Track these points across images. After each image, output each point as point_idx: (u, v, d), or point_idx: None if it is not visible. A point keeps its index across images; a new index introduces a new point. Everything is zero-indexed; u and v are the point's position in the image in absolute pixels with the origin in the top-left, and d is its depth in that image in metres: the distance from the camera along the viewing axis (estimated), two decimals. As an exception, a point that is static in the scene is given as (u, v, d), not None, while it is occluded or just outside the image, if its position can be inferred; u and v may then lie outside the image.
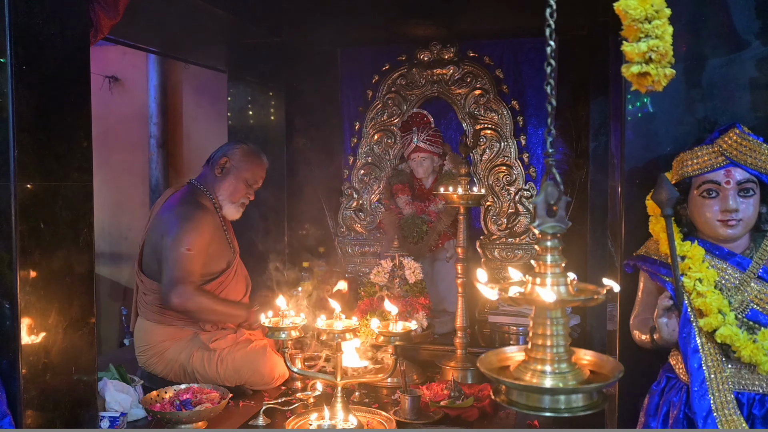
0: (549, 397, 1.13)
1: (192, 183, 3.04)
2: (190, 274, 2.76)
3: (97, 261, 2.36)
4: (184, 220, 2.82)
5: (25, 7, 1.83)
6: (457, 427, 2.47)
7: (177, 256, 2.76)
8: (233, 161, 2.99)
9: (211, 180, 3.01)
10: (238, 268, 3.05)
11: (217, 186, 2.99)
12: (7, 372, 1.83)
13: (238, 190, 2.99)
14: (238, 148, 3.04)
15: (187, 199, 2.93)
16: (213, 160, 3.03)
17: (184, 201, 2.92)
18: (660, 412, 1.93)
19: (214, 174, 3.00)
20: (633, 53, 1.25)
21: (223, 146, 3.10)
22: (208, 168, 3.05)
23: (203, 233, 2.82)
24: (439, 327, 3.36)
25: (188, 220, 2.82)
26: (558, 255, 1.16)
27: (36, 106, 1.87)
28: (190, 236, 2.78)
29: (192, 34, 3.72)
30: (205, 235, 2.83)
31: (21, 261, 1.82)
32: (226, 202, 2.99)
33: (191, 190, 2.99)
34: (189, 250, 2.76)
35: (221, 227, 2.99)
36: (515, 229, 3.66)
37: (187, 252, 2.76)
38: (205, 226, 2.85)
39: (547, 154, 1.16)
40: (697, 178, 1.88)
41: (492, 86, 3.69)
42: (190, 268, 2.77)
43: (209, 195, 2.99)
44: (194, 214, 2.84)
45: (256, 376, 2.81)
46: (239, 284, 3.04)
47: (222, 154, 3.02)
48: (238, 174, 2.99)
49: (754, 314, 1.80)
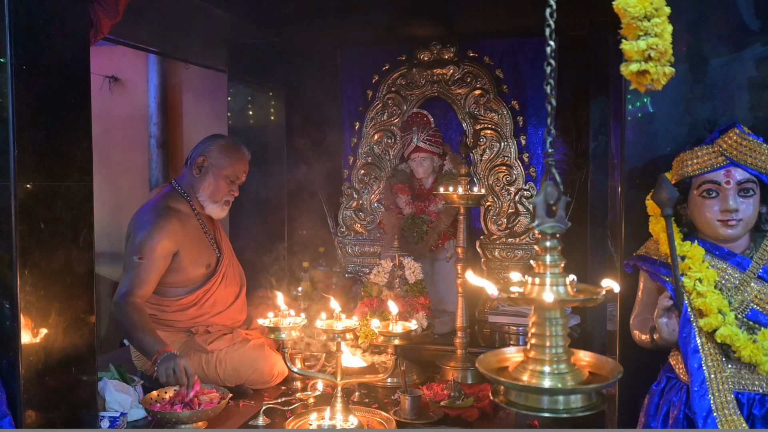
0: (548, 397, 1.13)
1: (171, 185, 2.96)
2: (136, 286, 2.68)
3: (97, 261, 2.36)
4: (143, 228, 2.75)
5: (25, 7, 1.83)
6: (457, 427, 2.47)
7: (128, 264, 2.72)
8: (210, 159, 2.87)
9: (190, 181, 2.91)
10: (228, 271, 2.97)
11: (197, 187, 2.88)
12: (7, 372, 1.83)
13: (219, 189, 2.88)
14: (215, 145, 2.91)
15: (157, 205, 2.85)
16: (191, 160, 2.93)
17: (152, 207, 2.85)
18: (660, 412, 1.93)
19: (192, 174, 2.89)
20: (632, 51, 1.25)
21: (200, 144, 2.96)
22: (187, 167, 2.94)
23: (161, 241, 2.72)
24: (439, 327, 3.36)
25: (146, 228, 2.74)
26: (557, 255, 1.16)
27: (36, 106, 1.87)
28: (144, 244, 2.71)
29: (192, 34, 3.71)
30: (164, 244, 2.73)
31: (21, 261, 1.82)
32: (208, 203, 2.89)
33: (167, 194, 2.91)
34: (140, 258, 2.69)
35: (200, 229, 2.91)
36: (515, 229, 3.66)
37: (138, 261, 2.69)
38: (167, 234, 2.74)
39: (547, 154, 1.16)
40: (697, 178, 1.88)
41: (492, 86, 3.69)
42: (137, 278, 2.68)
43: (187, 197, 2.90)
44: (156, 222, 2.75)
45: (255, 374, 2.80)
46: (228, 288, 2.98)
47: (199, 153, 2.90)
48: (217, 172, 2.87)
49: (754, 314, 1.80)
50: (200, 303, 2.87)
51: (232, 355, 2.79)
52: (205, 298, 2.87)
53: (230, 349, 2.80)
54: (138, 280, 2.69)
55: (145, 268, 2.70)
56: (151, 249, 2.71)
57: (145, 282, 2.70)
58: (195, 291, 2.85)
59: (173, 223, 2.79)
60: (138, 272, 2.70)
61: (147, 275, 2.71)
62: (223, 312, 2.95)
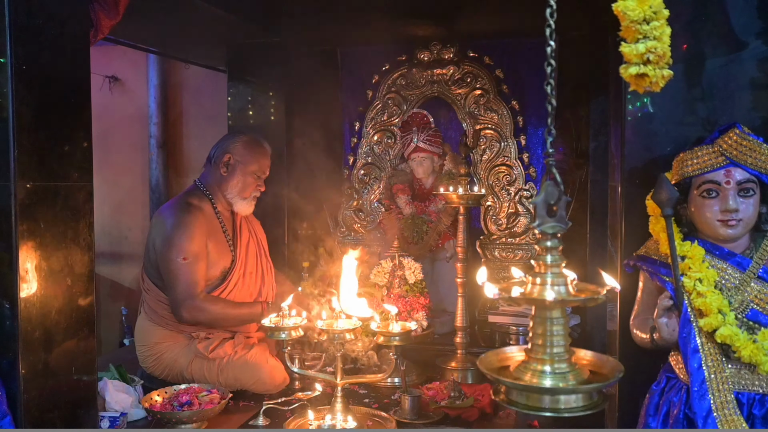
0: (549, 397, 1.13)
1: (195, 184, 2.96)
2: (193, 285, 2.70)
3: (97, 261, 2.36)
4: (174, 228, 2.73)
5: (25, 7, 1.82)
6: (457, 427, 2.47)
7: (175, 268, 2.70)
8: (237, 156, 2.88)
9: (217, 179, 2.90)
10: (241, 281, 2.91)
11: (225, 185, 2.88)
12: (7, 372, 1.82)
13: (248, 185, 2.89)
14: (239, 142, 2.92)
15: (178, 202, 2.85)
16: (215, 158, 2.92)
17: (174, 205, 2.85)
18: (660, 412, 1.93)
19: (219, 173, 2.89)
20: (631, 54, 1.25)
21: (221, 142, 2.97)
22: (211, 167, 2.93)
23: (194, 237, 2.73)
24: (439, 327, 3.37)
25: (177, 227, 2.73)
26: (558, 255, 1.16)
27: (36, 106, 1.87)
28: (182, 244, 2.70)
29: (192, 34, 3.71)
30: (198, 239, 2.74)
31: (21, 261, 1.82)
32: (237, 199, 2.89)
33: (190, 192, 2.92)
34: (185, 259, 2.69)
35: (220, 231, 2.89)
36: (515, 229, 3.66)
37: (183, 261, 2.69)
38: (197, 228, 2.75)
39: (547, 154, 1.16)
40: (697, 178, 1.88)
41: (492, 86, 3.69)
42: (191, 278, 2.70)
43: (209, 196, 2.89)
44: (182, 219, 2.75)
45: (257, 384, 2.77)
46: (247, 288, 2.94)
47: (223, 150, 2.90)
48: (244, 168, 2.88)
49: (754, 314, 1.80)
50: None
51: (233, 364, 2.76)
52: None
53: (231, 358, 2.77)
54: (192, 279, 2.71)
55: (192, 266, 2.72)
56: (190, 246, 2.72)
57: (199, 278, 2.73)
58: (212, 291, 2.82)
59: (199, 219, 2.80)
60: (189, 272, 2.71)
61: (198, 271, 2.74)
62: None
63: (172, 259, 2.70)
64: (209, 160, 2.96)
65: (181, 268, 2.70)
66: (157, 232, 2.80)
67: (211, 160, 2.95)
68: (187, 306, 2.68)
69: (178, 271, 2.70)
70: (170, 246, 2.72)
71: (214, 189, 2.91)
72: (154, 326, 2.84)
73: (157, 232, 2.80)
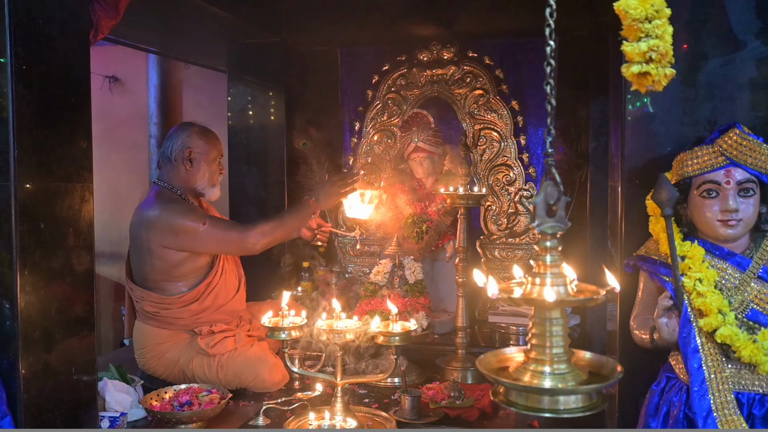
0: (548, 397, 1.13)
1: (159, 185, 2.93)
2: (233, 226, 2.84)
3: (97, 261, 2.35)
4: (171, 215, 2.74)
5: (25, 7, 1.82)
6: (457, 427, 2.47)
7: (207, 236, 2.73)
8: (197, 149, 2.90)
9: (182, 175, 2.90)
10: (226, 265, 2.97)
11: (192, 178, 2.91)
12: (7, 372, 1.83)
13: (213, 172, 2.96)
14: (193, 134, 2.93)
15: (155, 200, 2.83)
16: (173, 155, 2.91)
17: (153, 204, 2.82)
18: (660, 412, 1.93)
19: (184, 168, 2.90)
20: (633, 53, 1.25)
21: (174, 138, 2.94)
22: (172, 165, 2.91)
23: (191, 208, 2.82)
24: (439, 327, 3.36)
25: (174, 211, 2.75)
26: (557, 255, 1.16)
27: (36, 106, 1.87)
28: (189, 216, 2.75)
29: (192, 34, 3.71)
30: (195, 207, 2.84)
31: (21, 261, 1.82)
32: (208, 188, 2.95)
33: (159, 193, 2.88)
34: (204, 223, 2.73)
35: None
36: (515, 229, 3.66)
37: (205, 226, 2.73)
38: (187, 204, 2.85)
39: (547, 154, 1.16)
40: (697, 178, 1.88)
41: (492, 86, 3.69)
42: (225, 226, 2.82)
43: (178, 192, 2.90)
44: (172, 205, 2.79)
45: (257, 381, 2.79)
46: (229, 281, 2.97)
47: (181, 146, 2.90)
48: (207, 157, 2.92)
49: (754, 314, 1.80)
50: (202, 298, 2.85)
51: (234, 360, 2.79)
52: (207, 292, 2.86)
53: (232, 354, 2.80)
54: (227, 226, 2.84)
55: (215, 221, 2.81)
56: (195, 214, 2.78)
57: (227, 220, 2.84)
58: (196, 286, 2.84)
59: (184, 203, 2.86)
60: (219, 226, 2.79)
61: (221, 219, 2.92)
62: (225, 305, 2.94)
63: (197, 232, 2.73)
64: (167, 158, 2.94)
65: (211, 231, 2.74)
66: (156, 232, 2.76)
67: (171, 158, 2.93)
68: (250, 240, 2.77)
69: (211, 234, 2.75)
70: (184, 228, 2.74)
71: (180, 185, 2.92)
72: (155, 328, 2.85)
73: (156, 231, 2.76)
